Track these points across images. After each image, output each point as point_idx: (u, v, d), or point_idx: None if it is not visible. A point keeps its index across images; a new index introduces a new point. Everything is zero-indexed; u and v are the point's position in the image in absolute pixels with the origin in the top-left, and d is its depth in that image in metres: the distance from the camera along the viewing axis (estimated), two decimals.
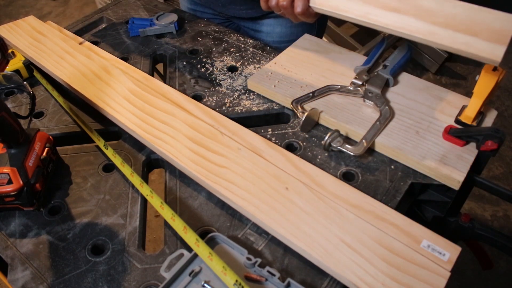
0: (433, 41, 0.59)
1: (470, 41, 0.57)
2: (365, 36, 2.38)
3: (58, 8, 3.06)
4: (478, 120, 0.69)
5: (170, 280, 0.53)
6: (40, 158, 0.66)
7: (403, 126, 0.70)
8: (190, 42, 0.96)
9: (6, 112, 0.61)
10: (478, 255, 0.71)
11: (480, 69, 0.65)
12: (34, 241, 0.61)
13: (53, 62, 0.86)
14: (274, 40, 1.03)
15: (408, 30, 0.61)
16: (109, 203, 0.65)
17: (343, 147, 0.67)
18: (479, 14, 0.57)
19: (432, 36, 0.59)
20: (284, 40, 1.03)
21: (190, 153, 0.66)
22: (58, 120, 0.80)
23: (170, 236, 0.61)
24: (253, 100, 0.80)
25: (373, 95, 0.73)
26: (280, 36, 1.02)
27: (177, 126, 0.71)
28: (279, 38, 1.03)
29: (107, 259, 0.58)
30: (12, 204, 0.63)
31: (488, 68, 0.65)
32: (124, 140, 0.75)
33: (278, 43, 1.03)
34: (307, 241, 0.55)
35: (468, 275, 1.44)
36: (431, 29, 0.59)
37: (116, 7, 1.11)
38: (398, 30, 0.62)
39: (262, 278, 0.54)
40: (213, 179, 0.62)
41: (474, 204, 1.67)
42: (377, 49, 0.82)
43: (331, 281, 0.54)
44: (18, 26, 0.98)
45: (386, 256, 0.53)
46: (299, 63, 0.83)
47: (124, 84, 0.79)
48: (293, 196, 0.60)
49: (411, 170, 0.66)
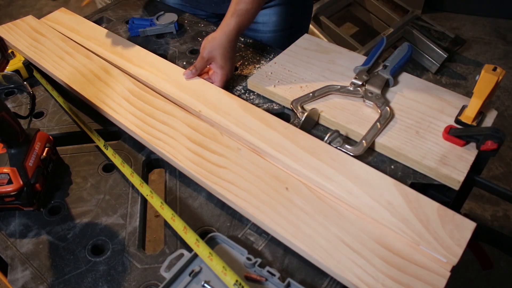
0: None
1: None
2: (365, 36, 2.38)
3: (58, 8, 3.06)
4: (478, 120, 0.69)
5: (170, 280, 0.53)
6: (40, 158, 0.66)
7: (403, 126, 0.69)
8: (190, 42, 0.96)
9: (6, 112, 0.61)
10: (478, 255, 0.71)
11: (480, 69, 0.65)
12: (34, 241, 0.61)
13: (52, 62, 0.86)
14: (270, 29, 1.04)
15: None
16: (109, 203, 0.65)
17: (343, 147, 0.67)
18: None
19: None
20: (280, 29, 1.04)
21: (190, 154, 0.66)
22: (58, 120, 0.80)
23: (170, 236, 0.61)
24: (253, 100, 0.80)
25: (373, 95, 0.73)
26: (276, 25, 1.03)
27: (177, 126, 0.71)
28: (275, 27, 1.03)
29: (107, 259, 0.58)
30: (12, 204, 0.62)
31: (488, 68, 0.66)
32: (124, 140, 0.75)
33: (274, 32, 1.04)
34: (307, 241, 0.55)
35: (468, 275, 1.44)
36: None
37: (116, 7, 1.11)
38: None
39: (262, 278, 0.54)
40: (213, 180, 0.62)
41: (474, 204, 1.67)
42: (376, 49, 0.82)
43: (331, 281, 0.54)
44: (17, 26, 0.98)
45: (386, 256, 0.53)
46: (299, 63, 0.83)
47: (124, 84, 0.79)
48: (293, 196, 0.60)
49: (411, 170, 0.66)
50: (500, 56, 2.36)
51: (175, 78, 0.80)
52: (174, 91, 0.77)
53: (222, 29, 0.78)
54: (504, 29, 2.53)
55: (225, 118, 0.71)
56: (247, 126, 0.69)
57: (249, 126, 0.69)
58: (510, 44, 2.43)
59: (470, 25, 2.58)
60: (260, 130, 0.68)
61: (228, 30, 0.77)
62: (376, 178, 0.60)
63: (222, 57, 0.78)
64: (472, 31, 2.53)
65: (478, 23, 2.59)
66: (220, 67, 0.79)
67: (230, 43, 0.78)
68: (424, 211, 0.56)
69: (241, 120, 0.70)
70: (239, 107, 0.73)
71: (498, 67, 0.66)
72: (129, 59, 0.86)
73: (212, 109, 0.73)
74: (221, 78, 0.80)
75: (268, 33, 1.03)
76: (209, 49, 0.78)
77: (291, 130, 0.68)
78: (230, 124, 0.70)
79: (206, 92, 0.76)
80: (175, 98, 0.76)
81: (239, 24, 0.78)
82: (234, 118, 0.71)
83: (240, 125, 0.69)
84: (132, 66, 0.84)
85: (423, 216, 0.55)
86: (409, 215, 0.56)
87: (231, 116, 0.71)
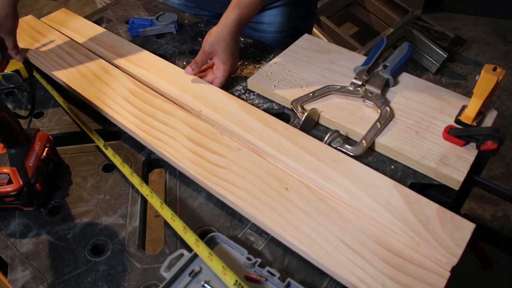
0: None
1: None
2: (365, 36, 2.38)
3: (58, 8, 3.05)
4: (478, 120, 0.69)
5: (170, 280, 0.53)
6: (40, 158, 0.66)
7: (403, 126, 0.69)
8: (190, 42, 0.96)
9: (6, 112, 0.61)
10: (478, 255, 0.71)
11: (480, 69, 0.65)
12: (34, 241, 0.61)
13: (52, 62, 0.86)
14: (276, 29, 1.03)
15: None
16: (109, 203, 0.65)
17: (343, 147, 0.67)
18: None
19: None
20: (285, 29, 1.03)
21: (190, 154, 0.66)
22: (58, 120, 0.80)
23: (170, 236, 0.61)
24: (253, 100, 0.80)
25: (373, 95, 0.73)
26: (282, 26, 1.03)
27: (177, 126, 0.71)
28: (280, 27, 1.03)
29: (107, 259, 0.58)
30: (12, 204, 0.62)
31: (488, 68, 0.66)
32: (124, 140, 0.75)
33: (279, 33, 1.03)
34: (306, 242, 0.55)
35: (468, 275, 1.44)
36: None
37: (116, 7, 1.11)
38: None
39: (262, 278, 0.54)
40: (213, 180, 0.62)
41: (474, 204, 1.67)
42: (376, 49, 0.82)
43: (331, 281, 0.54)
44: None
45: (385, 257, 0.53)
46: (299, 63, 0.83)
47: (124, 84, 0.79)
48: (293, 196, 0.60)
49: (411, 170, 0.66)
50: (500, 56, 2.36)
51: (175, 79, 0.80)
52: (174, 91, 0.77)
53: (223, 22, 0.76)
54: (504, 29, 2.53)
55: (225, 118, 0.71)
56: (247, 126, 0.69)
57: (249, 126, 0.69)
58: (510, 44, 2.43)
59: (470, 25, 2.58)
60: (260, 130, 0.68)
61: (230, 23, 0.76)
62: (376, 179, 0.60)
63: (224, 51, 0.77)
64: (472, 31, 2.53)
65: (478, 23, 2.59)
66: (223, 61, 0.78)
67: (232, 36, 0.76)
68: (423, 212, 0.56)
69: (241, 120, 0.70)
70: (239, 108, 0.73)
71: (498, 67, 0.65)
72: (129, 59, 0.86)
73: (212, 109, 0.73)
74: (223, 73, 0.78)
75: (273, 34, 1.03)
76: (210, 43, 0.76)
77: (291, 132, 0.68)
78: (230, 124, 0.70)
79: (206, 93, 0.76)
80: (176, 97, 0.76)
81: (240, 16, 0.76)
82: (234, 118, 0.71)
83: (240, 125, 0.69)
84: (132, 66, 0.84)
85: (423, 216, 0.55)
86: (409, 215, 0.56)
87: (231, 116, 0.71)
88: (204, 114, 0.72)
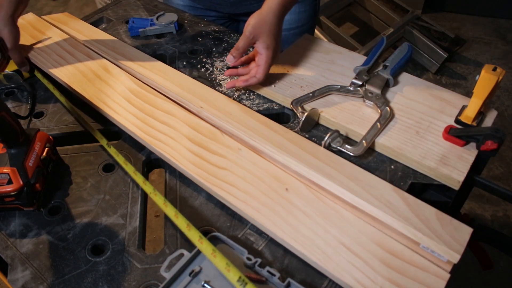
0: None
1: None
2: (365, 36, 2.38)
3: (58, 8, 3.06)
4: (478, 120, 0.69)
5: (170, 280, 0.53)
6: (40, 158, 0.66)
7: (403, 126, 0.70)
8: (190, 42, 0.96)
9: (6, 112, 0.61)
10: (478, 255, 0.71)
11: (480, 69, 0.65)
12: (34, 241, 0.61)
13: (52, 61, 0.86)
14: (284, 27, 1.03)
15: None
16: (109, 203, 0.65)
17: (343, 147, 0.67)
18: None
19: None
20: (293, 27, 1.03)
21: (190, 155, 0.66)
22: (58, 120, 0.80)
23: (170, 236, 0.61)
24: (253, 100, 0.80)
25: (373, 95, 0.73)
26: (290, 23, 1.02)
27: (177, 126, 0.70)
28: (288, 25, 1.02)
29: (107, 259, 0.58)
30: (12, 204, 0.62)
31: (488, 68, 0.66)
32: (124, 140, 0.75)
33: (287, 31, 1.03)
34: (306, 244, 0.54)
35: (468, 275, 1.44)
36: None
37: (116, 7, 1.11)
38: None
39: (262, 278, 0.54)
40: (213, 182, 0.62)
41: (474, 204, 1.67)
42: (376, 49, 0.82)
43: (331, 281, 0.54)
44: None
45: (385, 258, 0.53)
46: (299, 63, 0.83)
47: (124, 83, 0.79)
48: (292, 197, 0.60)
49: (411, 170, 0.66)
50: (500, 56, 2.36)
51: (176, 80, 0.80)
52: (175, 89, 0.77)
53: (267, 4, 0.72)
54: (504, 29, 2.53)
55: (226, 116, 0.71)
56: (248, 124, 0.69)
57: (249, 125, 0.69)
58: (510, 44, 2.43)
59: (470, 25, 2.58)
60: (261, 130, 0.68)
61: (275, 5, 0.71)
62: (375, 183, 0.60)
63: (268, 35, 0.71)
64: (472, 31, 2.53)
65: (478, 23, 2.59)
66: (266, 46, 0.72)
67: (277, 19, 0.72)
68: (423, 213, 0.56)
69: (242, 119, 0.70)
70: (239, 110, 0.72)
71: (498, 67, 0.66)
72: (130, 60, 0.85)
73: (213, 107, 0.72)
74: (266, 59, 0.73)
75: (282, 32, 1.03)
76: (253, 25, 0.71)
77: (291, 135, 0.67)
78: (231, 121, 0.69)
79: (207, 94, 0.76)
80: (176, 95, 0.75)
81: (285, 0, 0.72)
82: (235, 117, 0.70)
83: (241, 123, 0.69)
84: (133, 64, 0.84)
85: (423, 217, 0.55)
86: (409, 214, 0.56)
87: (232, 115, 0.71)
88: (205, 110, 0.72)
